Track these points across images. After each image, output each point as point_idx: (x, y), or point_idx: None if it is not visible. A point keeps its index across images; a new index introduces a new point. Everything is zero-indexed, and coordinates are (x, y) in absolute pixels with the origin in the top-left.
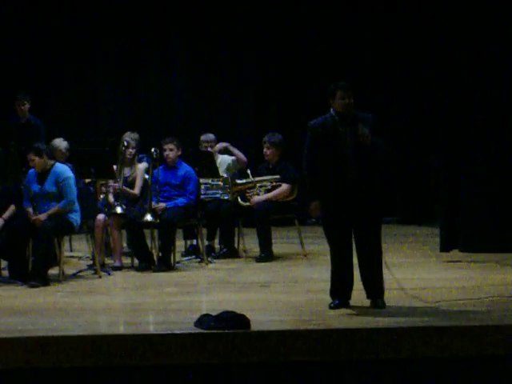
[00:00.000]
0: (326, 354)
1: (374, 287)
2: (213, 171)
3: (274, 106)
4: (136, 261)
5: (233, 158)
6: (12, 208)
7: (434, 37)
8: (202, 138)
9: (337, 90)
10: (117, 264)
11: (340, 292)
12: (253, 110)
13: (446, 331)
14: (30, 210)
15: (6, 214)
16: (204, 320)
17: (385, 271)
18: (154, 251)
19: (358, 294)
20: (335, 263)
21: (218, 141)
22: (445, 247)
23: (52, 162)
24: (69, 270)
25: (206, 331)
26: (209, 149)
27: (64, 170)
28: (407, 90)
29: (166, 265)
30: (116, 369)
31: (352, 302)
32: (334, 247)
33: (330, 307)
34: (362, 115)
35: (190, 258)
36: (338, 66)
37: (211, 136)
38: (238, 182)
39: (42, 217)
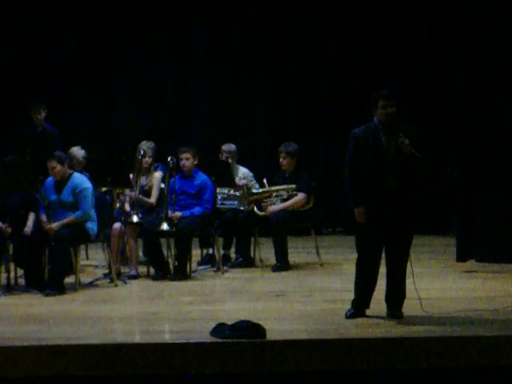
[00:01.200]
0: (342, 364)
1: (397, 298)
2: (229, 181)
3: (290, 116)
4: (152, 270)
5: (250, 174)
6: (32, 217)
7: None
8: (224, 147)
9: (379, 98)
10: (133, 273)
11: (360, 301)
12: (269, 119)
13: (462, 341)
14: (44, 218)
15: (31, 223)
16: (220, 329)
17: (408, 281)
18: (170, 260)
19: (375, 303)
20: (361, 272)
21: (238, 152)
22: (461, 257)
23: (70, 171)
24: (85, 279)
25: (221, 340)
26: (228, 160)
27: (82, 180)
28: (425, 100)
29: (182, 274)
30: (131, 378)
31: (369, 312)
32: (363, 256)
33: (346, 316)
34: (405, 126)
35: (205, 267)
36: (357, 74)
37: (233, 146)
38: (254, 191)
39: (55, 226)
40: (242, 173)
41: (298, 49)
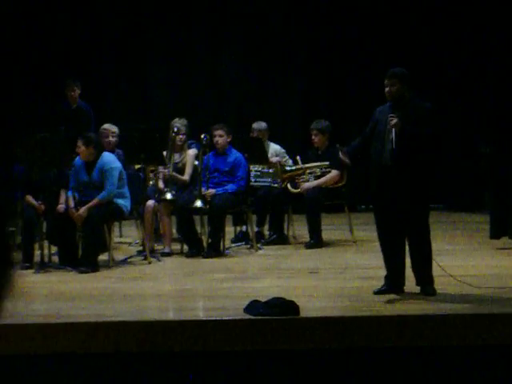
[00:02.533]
0: (375, 341)
1: (422, 274)
2: (263, 158)
3: (324, 93)
4: (185, 247)
5: (282, 150)
6: (63, 194)
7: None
8: (254, 125)
9: (385, 78)
10: (166, 250)
11: (390, 278)
12: (302, 96)
13: (495, 318)
14: (71, 200)
15: (63, 200)
16: (253, 306)
17: (439, 258)
18: (203, 237)
19: (410, 281)
20: (383, 249)
21: (269, 130)
22: (494, 234)
23: (96, 152)
24: (118, 256)
25: (255, 317)
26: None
27: (110, 160)
28: (456, 76)
29: (215, 251)
30: (165, 355)
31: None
32: (381, 235)
33: (374, 292)
34: (417, 104)
35: (239, 244)
36: (387, 52)
37: (263, 124)
38: (288, 168)
39: (83, 212)
40: (274, 150)
41: (330, 27)
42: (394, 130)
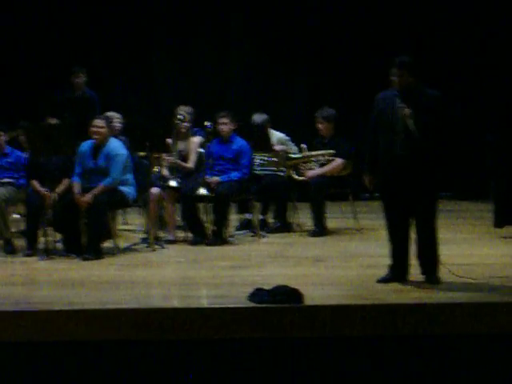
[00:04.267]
0: (379, 329)
1: (429, 263)
2: (267, 145)
3: (327, 80)
4: (190, 234)
5: (286, 137)
6: (66, 182)
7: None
8: (255, 117)
9: (392, 67)
10: (170, 237)
11: (394, 267)
12: (307, 84)
13: (497, 307)
14: (77, 187)
15: (61, 188)
16: (257, 294)
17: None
18: (207, 225)
19: (414, 269)
20: (390, 237)
21: (271, 119)
22: (499, 223)
23: (109, 136)
24: (123, 244)
25: (259, 305)
26: None
27: (117, 146)
28: (463, 65)
29: (219, 239)
30: (169, 342)
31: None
32: (389, 223)
33: (378, 280)
34: (426, 93)
35: (243, 232)
36: (394, 41)
37: (264, 116)
38: (293, 156)
39: (87, 198)
40: (277, 138)
41: (335, 16)
42: (407, 120)
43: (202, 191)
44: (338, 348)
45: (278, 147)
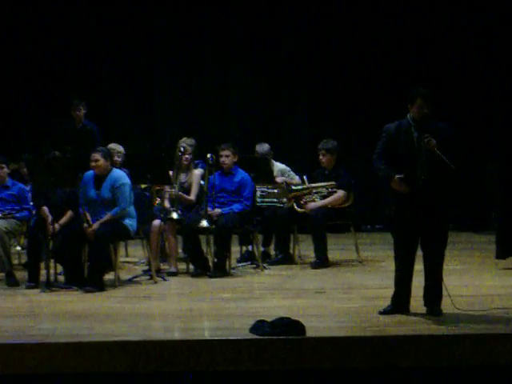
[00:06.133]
0: (382, 361)
1: (433, 294)
2: (269, 177)
3: (329, 113)
4: (191, 266)
5: (287, 168)
6: (69, 214)
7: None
8: (257, 148)
9: (417, 97)
10: (172, 270)
11: (397, 297)
12: (308, 116)
13: (499, 338)
14: (88, 215)
15: (63, 220)
16: (259, 326)
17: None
18: (209, 257)
19: (414, 301)
20: (398, 268)
21: (273, 151)
22: (501, 254)
23: (110, 167)
24: (124, 276)
25: (261, 337)
26: None
27: (121, 176)
28: (463, 96)
29: (221, 271)
30: (171, 374)
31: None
32: (398, 252)
33: (380, 312)
34: (440, 125)
35: (245, 263)
36: (394, 72)
37: (266, 146)
38: (294, 188)
39: (95, 227)
40: (279, 169)
41: (337, 46)
42: (435, 150)
43: (204, 223)
44: (339, 380)
45: (279, 179)
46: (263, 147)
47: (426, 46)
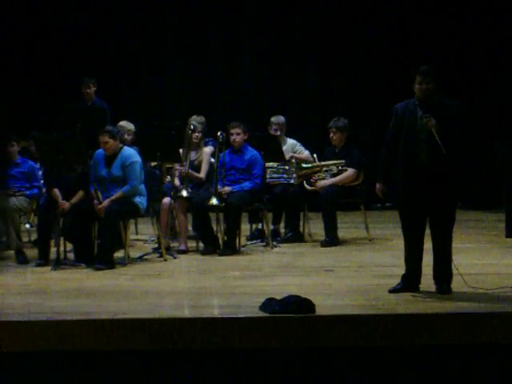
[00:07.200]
0: (391, 339)
1: (443, 272)
2: (278, 155)
3: (341, 90)
4: (201, 244)
5: (297, 143)
6: (80, 193)
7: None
8: (273, 119)
9: (416, 74)
10: (182, 247)
11: (407, 276)
12: (319, 93)
13: (509, 317)
14: (99, 193)
15: (74, 199)
16: (269, 304)
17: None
18: (219, 235)
19: (425, 279)
20: (407, 247)
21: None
22: (511, 233)
23: (121, 145)
24: (134, 253)
25: (270, 315)
26: (278, 132)
27: (131, 153)
28: (472, 75)
29: (231, 248)
30: (180, 352)
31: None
32: (406, 232)
33: (389, 290)
34: (447, 102)
35: (255, 241)
36: (409, 48)
37: (282, 118)
38: (304, 166)
39: (105, 204)
40: (290, 144)
41: (349, 23)
42: (433, 130)
43: (214, 201)
44: (349, 358)
45: (287, 155)
46: (279, 119)
47: (441, 21)
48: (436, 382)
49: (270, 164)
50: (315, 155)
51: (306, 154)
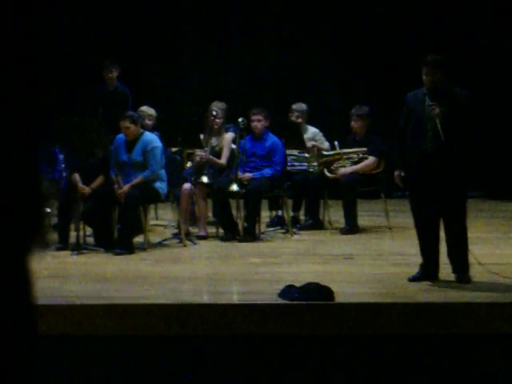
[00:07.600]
0: (409, 327)
1: (459, 262)
2: (300, 143)
3: (362, 77)
4: (221, 230)
5: (320, 133)
6: (101, 179)
7: None
8: (294, 106)
9: (423, 65)
10: (202, 233)
11: (425, 266)
12: (340, 80)
13: None
14: (120, 178)
15: (94, 184)
16: (288, 291)
17: (473, 247)
18: (239, 221)
19: (444, 268)
20: (419, 235)
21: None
22: None
23: (142, 130)
24: (154, 239)
25: (289, 302)
26: (299, 119)
27: (152, 138)
28: (492, 62)
29: (250, 235)
30: (199, 338)
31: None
32: (417, 221)
33: (409, 279)
34: (455, 92)
35: (275, 228)
36: (428, 36)
37: (303, 106)
38: (325, 153)
39: (126, 189)
40: (311, 132)
41: (370, 11)
42: (436, 119)
43: (234, 187)
44: (367, 346)
45: (309, 143)
46: (300, 106)
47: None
48: (454, 371)
49: (291, 152)
50: (336, 143)
51: (326, 145)
